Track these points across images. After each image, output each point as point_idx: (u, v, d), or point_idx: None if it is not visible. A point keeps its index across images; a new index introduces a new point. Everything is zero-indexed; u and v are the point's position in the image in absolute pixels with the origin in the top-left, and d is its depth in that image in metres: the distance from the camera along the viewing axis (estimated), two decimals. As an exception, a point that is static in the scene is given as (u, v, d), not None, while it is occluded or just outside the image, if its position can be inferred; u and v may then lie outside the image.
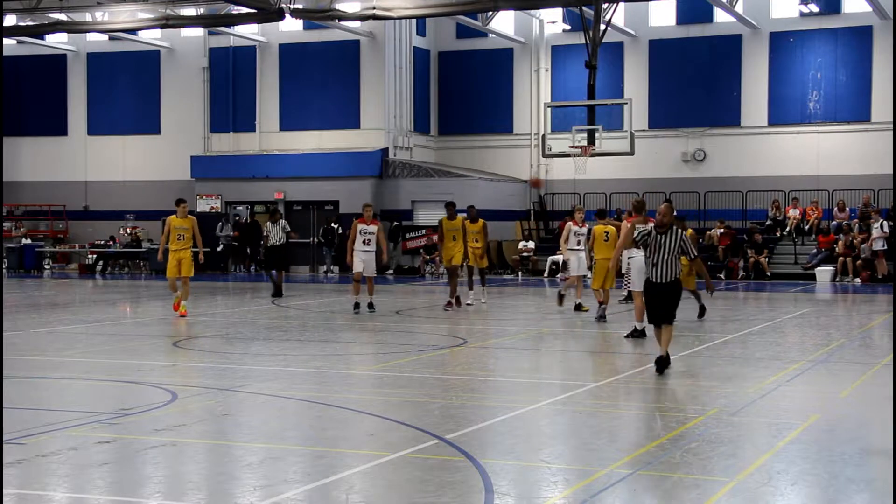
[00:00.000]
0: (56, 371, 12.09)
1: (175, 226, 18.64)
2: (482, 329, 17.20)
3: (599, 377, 12.12)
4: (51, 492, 7.02)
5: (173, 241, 18.57)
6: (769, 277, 30.85)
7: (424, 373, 12.02)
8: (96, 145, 38.52)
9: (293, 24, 34.58)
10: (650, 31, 35.40)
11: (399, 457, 7.76)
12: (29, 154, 38.91)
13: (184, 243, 18.55)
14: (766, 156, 34.46)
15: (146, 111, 37.85)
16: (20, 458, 7.75)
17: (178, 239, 18.52)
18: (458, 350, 14.51)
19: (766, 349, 14.43)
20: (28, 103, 38.93)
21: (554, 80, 36.58)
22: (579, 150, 27.32)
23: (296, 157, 35.52)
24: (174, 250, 18.55)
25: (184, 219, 18.77)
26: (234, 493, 6.94)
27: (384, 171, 34.85)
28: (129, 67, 37.97)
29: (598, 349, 15.01)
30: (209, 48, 37.08)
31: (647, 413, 9.82)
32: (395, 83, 35.51)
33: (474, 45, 37.29)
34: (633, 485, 7.01)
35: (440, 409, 9.80)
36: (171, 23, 30.90)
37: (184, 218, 18.79)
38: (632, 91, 34.08)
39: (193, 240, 18.62)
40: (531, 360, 14.20)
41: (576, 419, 9.52)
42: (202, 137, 37.12)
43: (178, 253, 18.49)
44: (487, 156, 37.10)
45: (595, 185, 35.30)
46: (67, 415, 9.55)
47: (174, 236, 18.55)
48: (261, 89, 36.64)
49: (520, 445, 8.44)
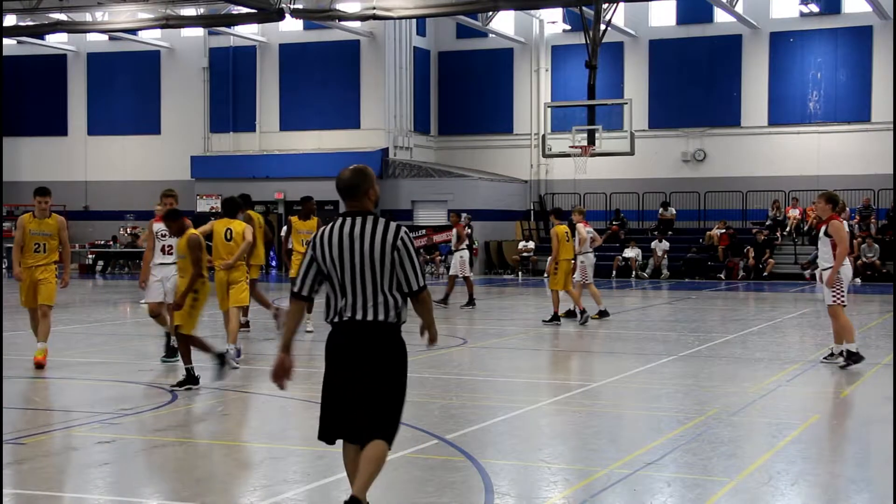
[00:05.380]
0: (56, 371, 12.08)
1: (31, 229, 12.32)
2: (482, 329, 17.19)
3: (599, 377, 12.12)
4: (52, 492, 7.02)
5: (28, 253, 12.33)
6: (768, 278, 30.86)
7: (424, 373, 12.02)
8: (96, 145, 38.53)
9: (293, 25, 34.58)
10: (650, 31, 35.40)
11: (399, 457, 7.75)
12: (29, 154, 38.90)
13: (43, 256, 12.33)
14: (767, 156, 34.46)
15: (146, 111, 37.85)
16: (21, 458, 7.76)
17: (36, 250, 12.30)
18: (458, 350, 14.51)
19: (766, 349, 14.43)
20: (28, 103, 38.93)
21: (554, 80, 36.59)
22: (579, 150, 27.33)
23: (296, 158, 35.52)
24: (29, 265, 12.31)
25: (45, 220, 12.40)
26: (235, 493, 6.95)
27: (384, 171, 34.85)
28: (129, 67, 37.98)
29: (597, 349, 15.01)
30: (209, 48, 37.08)
31: (647, 413, 9.82)
32: (396, 83, 35.51)
33: (474, 45, 37.29)
34: (634, 485, 7.01)
35: (440, 408, 9.81)
36: (171, 23, 30.90)
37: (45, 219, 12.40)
38: (632, 91, 34.09)
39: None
40: (531, 360, 14.20)
41: (576, 419, 9.52)
42: (202, 137, 37.13)
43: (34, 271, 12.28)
44: (487, 156, 37.10)
45: (595, 185, 35.30)
46: (68, 415, 9.55)
47: (30, 245, 12.29)
48: (261, 89, 36.64)
49: (520, 445, 8.44)
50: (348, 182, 5.66)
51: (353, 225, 5.59)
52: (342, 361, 5.62)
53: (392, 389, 5.65)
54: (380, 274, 5.56)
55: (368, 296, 5.57)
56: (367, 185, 5.65)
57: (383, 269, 5.56)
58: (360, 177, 5.66)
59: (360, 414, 5.60)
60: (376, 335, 5.59)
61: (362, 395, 5.59)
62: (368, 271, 5.55)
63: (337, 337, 5.66)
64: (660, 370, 12.34)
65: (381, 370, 5.60)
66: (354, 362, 5.59)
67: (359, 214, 5.63)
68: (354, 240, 5.56)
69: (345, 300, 5.60)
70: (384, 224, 5.59)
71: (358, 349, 5.59)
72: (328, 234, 5.63)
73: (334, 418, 5.65)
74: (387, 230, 5.57)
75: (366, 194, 5.65)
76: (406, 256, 5.58)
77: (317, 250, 5.64)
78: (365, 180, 5.65)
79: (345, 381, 5.60)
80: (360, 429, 5.62)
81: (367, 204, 5.65)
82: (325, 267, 5.63)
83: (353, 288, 5.58)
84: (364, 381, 5.58)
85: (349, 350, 5.60)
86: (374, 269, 5.55)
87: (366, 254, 5.54)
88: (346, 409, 5.61)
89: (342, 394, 5.62)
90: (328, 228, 5.65)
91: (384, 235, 5.56)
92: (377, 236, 5.55)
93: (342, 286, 5.60)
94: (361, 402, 5.60)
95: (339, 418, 5.63)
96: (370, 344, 5.59)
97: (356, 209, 5.66)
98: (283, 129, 36.42)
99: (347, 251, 5.56)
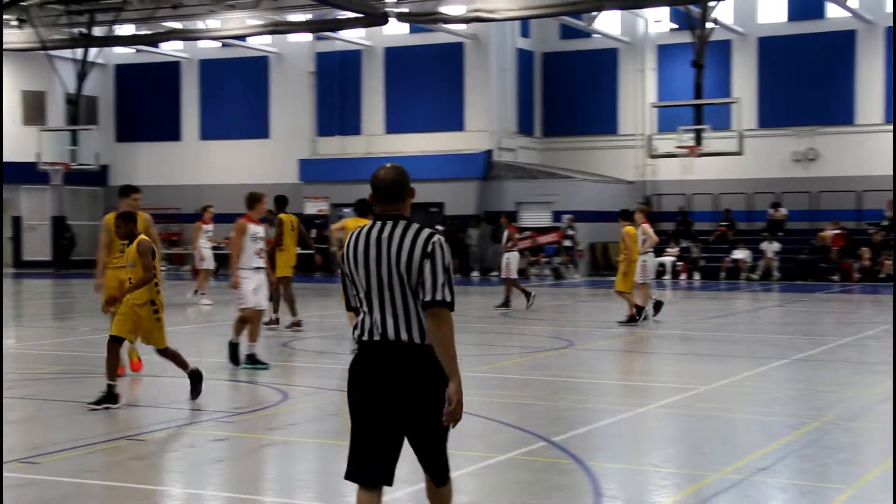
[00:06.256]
0: (174, 370, 12.40)
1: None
2: (588, 331, 17.08)
3: (709, 380, 11.93)
4: (168, 487, 7.23)
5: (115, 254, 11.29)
6: (884, 280, 29.93)
7: (530, 374, 12.00)
8: (208, 149, 39.45)
9: (398, 28, 34.88)
10: (759, 28, 34.68)
11: (507, 458, 7.76)
12: (145, 159, 40.04)
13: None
14: (882, 154, 33.40)
15: (256, 115, 38.62)
16: (140, 455, 8.00)
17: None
18: (564, 352, 14.44)
19: (883, 353, 14.00)
20: (145, 110, 40.11)
21: (660, 79, 36.13)
22: (686, 151, 26.99)
23: (401, 160, 35.68)
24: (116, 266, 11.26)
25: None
26: (344, 492, 7.03)
27: (488, 173, 34.89)
28: (239, 73, 38.81)
29: (708, 352, 14.77)
30: (316, 53, 37.64)
31: (759, 417, 9.62)
32: (499, 85, 35.53)
33: (578, 46, 37.06)
34: (746, 490, 6.89)
35: (547, 410, 9.78)
36: (279, 29, 31.48)
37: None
38: (740, 90, 33.45)
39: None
40: (638, 362, 14.05)
41: (685, 423, 9.39)
42: (309, 141, 37.70)
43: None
44: (592, 157, 36.84)
45: (702, 186, 34.74)
46: (184, 413, 9.80)
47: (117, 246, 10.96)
48: (366, 92, 37.04)
49: (628, 448, 8.36)
50: (391, 182, 4.94)
51: (383, 229, 4.88)
52: (371, 390, 4.81)
53: (433, 427, 4.83)
54: (408, 283, 4.79)
55: (399, 311, 4.81)
56: (408, 188, 4.99)
57: (410, 277, 4.78)
58: (403, 177, 4.97)
59: (390, 457, 4.83)
60: (410, 359, 4.79)
61: (396, 435, 4.82)
62: (398, 282, 4.79)
63: (364, 360, 4.87)
64: (772, 374, 12.08)
65: (417, 404, 4.78)
66: (385, 392, 4.78)
67: (390, 219, 4.92)
68: (382, 245, 4.83)
69: (372, 316, 4.85)
70: (416, 229, 4.86)
71: (389, 376, 4.79)
72: (355, 239, 4.93)
73: (363, 458, 4.83)
74: (418, 235, 4.83)
75: (406, 198, 4.98)
76: (431, 264, 4.77)
77: (346, 257, 4.95)
78: (407, 182, 4.99)
79: (375, 416, 4.80)
80: (387, 474, 4.84)
81: (404, 209, 4.96)
82: (352, 276, 4.93)
83: (380, 302, 4.83)
84: (398, 417, 4.79)
85: (379, 377, 4.80)
86: (403, 279, 4.79)
87: (393, 262, 4.80)
88: (375, 448, 4.81)
89: (372, 430, 4.80)
90: (356, 233, 4.96)
91: (414, 241, 4.81)
92: (406, 242, 4.81)
93: (369, 299, 4.87)
94: (393, 444, 4.82)
95: (369, 459, 4.81)
96: (403, 370, 4.78)
97: (391, 213, 4.93)
98: (388, 132, 36.74)
99: (374, 259, 4.83)
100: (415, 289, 4.77)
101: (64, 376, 11.95)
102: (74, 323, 19.18)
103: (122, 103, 40.55)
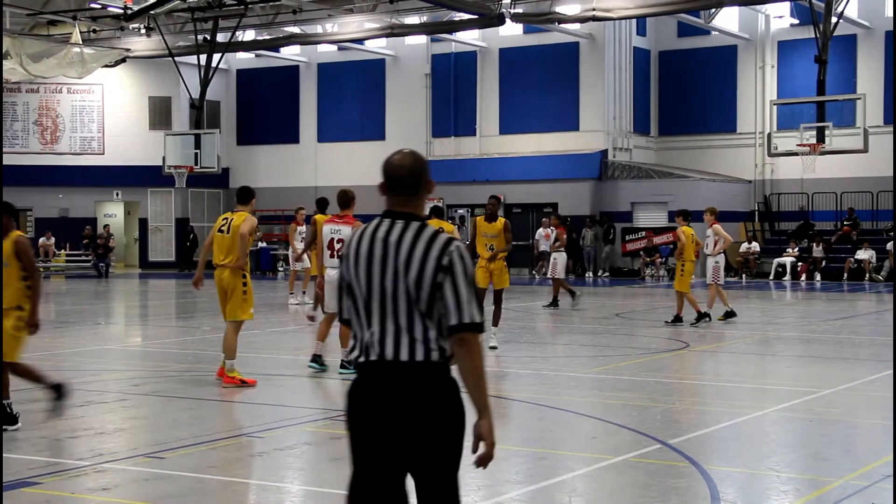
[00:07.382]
0: (290, 369, 12.68)
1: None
2: (704, 333, 16.82)
3: (831, 384, 11.61)
4: (287, 483, 7.40)
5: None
6: None
7: (645, 376, 11.88)
8: (325, 152, 40.12)
9: (513, 29, 34.90)
10: (887, 21, 33.59)
11: (622, 461, 7.71)
12: (265, 161, 40.96)
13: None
14: None
15: (372, 117, 39.12)
16: (260, 451, 8.20)
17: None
18: (680, 354, 14.26)
19: None
20: (264, 113, 41.04)
21: (780, 76, 35.33)
22: (808, 149, 26.29)
23: (515, 160, 35.81)
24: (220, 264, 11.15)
25: None
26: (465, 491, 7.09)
27: (603, 173, 34.63)
28: (356, 76, 39.37)
29: (830, 355, 14.39)
30: (431, 55, 37.94)
31: (884, 423, 9.34)
32: (615, 84, 35.24)
33: (696, 44, 36.49)
34: (872, 497, 6.70)
35: (662, 413, 9.68)
36: (395, 31, 31.82)
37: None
38: (865, 85, 32.46)
39: None
40: (756, 364, 13.77)
41: (806, 427, 9.17)
42: (424, 142, 38.00)
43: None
44: (709, 156, 36.23)
45: (824, 185, 33.82)
46: (302, 411, 10.01)
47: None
48: (481, 94, 37.16)
49: (746, 452, 8.21)
50: (408, 170, 4.12)
51: (391, 230, 4.04)
52: (370, 421, 4.00)
53: (441, 464, 3.99)
54: (416, 298, 3.96)
55: (402, 327, 3.98)
56: (426, 179, 4.14)
57: (420, 292, 3.95)
58: (422, 165, 4.15)
59: (396, 498, 4.04)
60: (412, 381, 3.95)
61: (400, 473, 4.02)
62: (403, 296, 3.97)
63: (362, 385, 4.05)
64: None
65: (422, 434, 3.94)
66: (386, 423, 3.96)
67: (402, 217, 4.06)
68: (389, 249, 4.00)
69: (371, 331, 4.04)
70: (430, 234, 4.00)
71: (389, 405, 3.96)
72: (358, 238, 4.12)
73: (365, 497, 4.07)
74: (432, 242, 3.97)
75: (422, 191, 4.12)
76: (451, 279, 3.93)
77: (345, 259, 4.14)
78: (426, 171, 4.15)
79: (375, 451, 4.01)
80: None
81: (417, 205, 4.09)
82: (350, 280, 4.10)
83: (381, 314, 4.01)
84: (402, 453, 3.98)
85: (379, 406, 3.97)
86: (411, 295, 3.96)
87: (401, 272, 3.96)
88: (378, 488, 4.04)
89: (372, 468, 4.04)
90: (359, 231, 4.15)
91: (427, 249, 3.96)
92: (417, 249, 3.97)
93: (368, 310, 4.04)
94: (398, 485, 4.03)
95: (371, 498, 4.05)
96: (404, 395, 3.94)
97: (402, 210, 4.09)
98: (502, 133, 36.79)
99: (378, 263, 4.01)
100: (425, 307, 3.96)
101: (187, 374, 12.32)
102: (197, 322, 19.75)
103: (243, 107, 41.57)
